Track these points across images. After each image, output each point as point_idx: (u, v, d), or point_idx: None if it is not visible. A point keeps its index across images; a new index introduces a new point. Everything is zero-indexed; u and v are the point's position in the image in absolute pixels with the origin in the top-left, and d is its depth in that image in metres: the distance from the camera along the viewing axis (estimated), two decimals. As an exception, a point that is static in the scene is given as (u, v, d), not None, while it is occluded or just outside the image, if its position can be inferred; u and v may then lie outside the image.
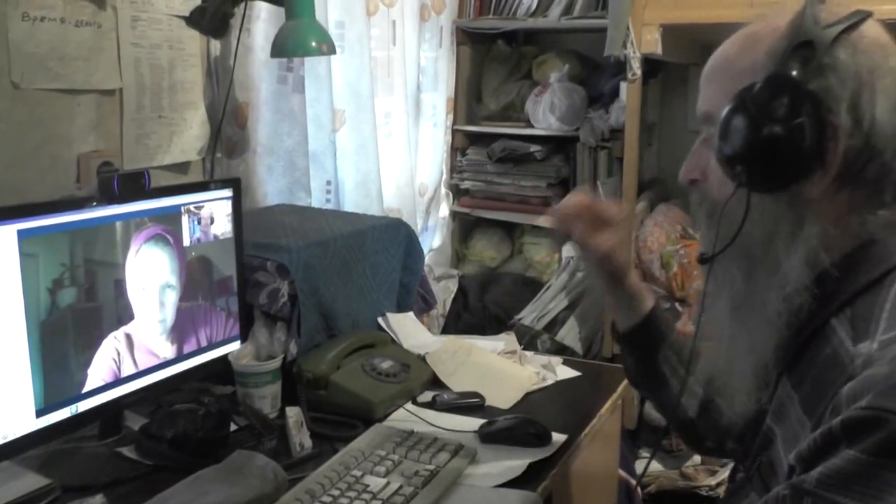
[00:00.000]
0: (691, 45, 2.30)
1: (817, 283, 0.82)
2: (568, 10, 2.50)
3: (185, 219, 1.37)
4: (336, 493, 1.15)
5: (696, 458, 2.03)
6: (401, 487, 1.17)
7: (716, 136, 0.84)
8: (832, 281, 0.81)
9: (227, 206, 1.46)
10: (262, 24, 1.80)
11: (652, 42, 1.97)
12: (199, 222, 1.40)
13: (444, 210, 2.77)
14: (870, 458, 0.66)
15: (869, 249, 0.81)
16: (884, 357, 0.71)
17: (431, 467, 1.23)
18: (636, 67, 1.99)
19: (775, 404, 0.86)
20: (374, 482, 1.18)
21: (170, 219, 1.35)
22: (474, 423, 1.41)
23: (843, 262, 0.82)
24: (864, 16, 0.82)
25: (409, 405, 1.50)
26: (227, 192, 1.45)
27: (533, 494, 1.21)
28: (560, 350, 2.25)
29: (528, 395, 1.57)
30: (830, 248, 0.82)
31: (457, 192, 2.80)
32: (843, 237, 0.82)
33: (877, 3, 0.87)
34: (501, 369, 1.67)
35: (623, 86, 2.32)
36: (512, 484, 1.23)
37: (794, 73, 0.79)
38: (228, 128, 1.78)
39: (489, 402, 1.52)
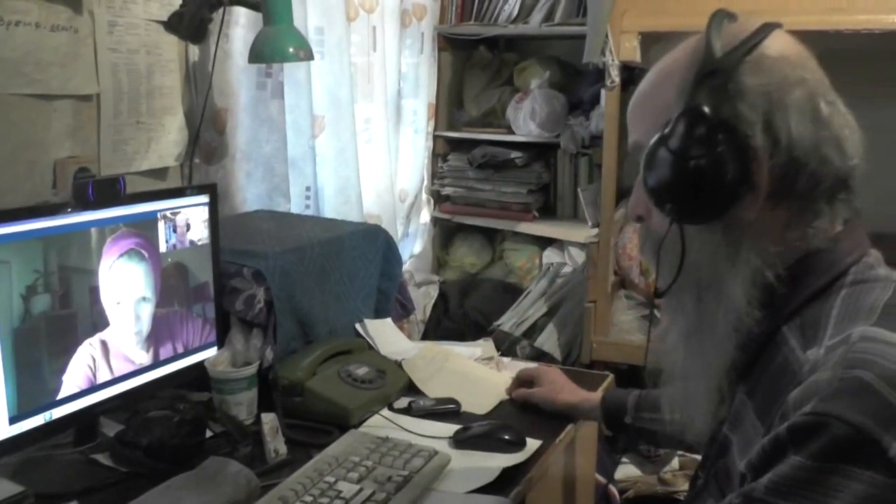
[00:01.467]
0: (667, 50, 2.31)
1: (765, 296, 0.83)
2: (549, 17, 2.52)
3: (161, 225, 1.37)
4: (309, 499, 1.15)
5: (675, 464, 2.04)
6: (373, 493, 1.17)
7: (641, 174, 0.85)
8: (780, 293, 0.83)
9: (203, 212, 1.46)
10: (242, 29, 1.81)
11: (631, 49, 1.99)
12: (174, 229, 1.40)
13: (424, 216, 2.78)
14: (815, 463, 0.67)
15: (814, 259, 0.83)
16: (828, 362, 0.72)
17: (405, 473, 1.23)
18: (615, 75, 2.00)
19: (731, 413, 0.87)
20: (347, 488, 1.18)
21: (145, 225, 1.35)
22: (450, 429, 1.41)
23: (789, 275, 0.83)
24: (765, 34, 0.82)
25: (384, 411, 1.50)
26: (204, 198, 1.46)
27: (505, 500, 1.22)
28: (539, 356, 2.26)
29: (504, 401, 1.58)
30: (775, 265, 0.83)
31: (438, 198, 2.81)
32: (785, 253, 0.83)
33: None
34: (478, 376, 1.68)
35: (603, 92, 2.34)
36: (485, 489, 1.24)
37: (705, 105, 0.80)
38: (207, 133, 1.78)
39: (465, 408, 1.52)
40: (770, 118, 0.80)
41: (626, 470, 2.11)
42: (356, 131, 2.19)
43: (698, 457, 2.05)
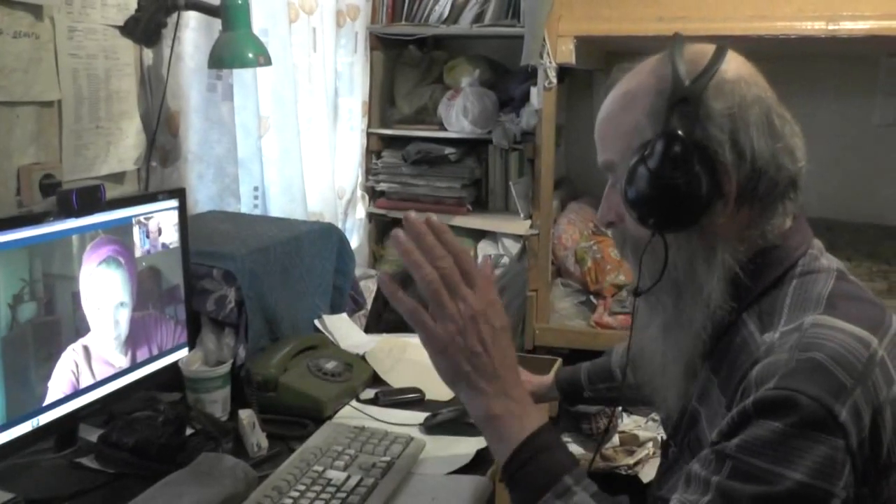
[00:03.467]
0: (597, 52, 2.45)
1: (732, 289, 0.95)
2: (479, 18, 2.61)
3: (136, 230, 1.39)
4: (302, 487, 1.21)
5: (615, 440, 2.18)
6: (362, 479, 1.24)
7: (622, 191, 0.95)
8: (742, 284, 0.95)
9: (173, 216, 1.48)
10: (192, 32, 1.82)
11: (567, 53, 2.10)
12: (148, 233, 1.42)
13: (360, 212, 2.83)
14: (784, 428, 0.80)
15: (770, 254, 0.96)
16: (783, 346, 0.85)
17: (387, 459, 1.30)
18: (552, 76, 2.11)
19: (699, 388, 0.99)
20: (336, 476, 1.25)
21: (122, 231, 1.37)
22: (417, 416, 1.49)
23: (749, 267, 0.95)
24: (720, 55, 0.94)
25: (353, 402, 1.56)
26: (173, 203, 1.48)
27: (484, 479, 1.31)
28: (482, 344, 2.35)
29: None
30: (740, 260, 0.95)
31: (373, 195, 2.86)
32: (748, 249, 0.95)
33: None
34: (437, 364, 1.76)
35: (533, 90, 2.44)
36: (463, 470, 1.32)
37: (680, 130, 0.91)
38: (162, 136, 1.79)
39: (429, 395, 1.60)
40: (735, 137, 0.91)
41: (569, 448, 2.23)
42: (300, 130, 2.22)
43: (643, 433, 2.20)
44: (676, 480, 0.93)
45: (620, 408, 2.19)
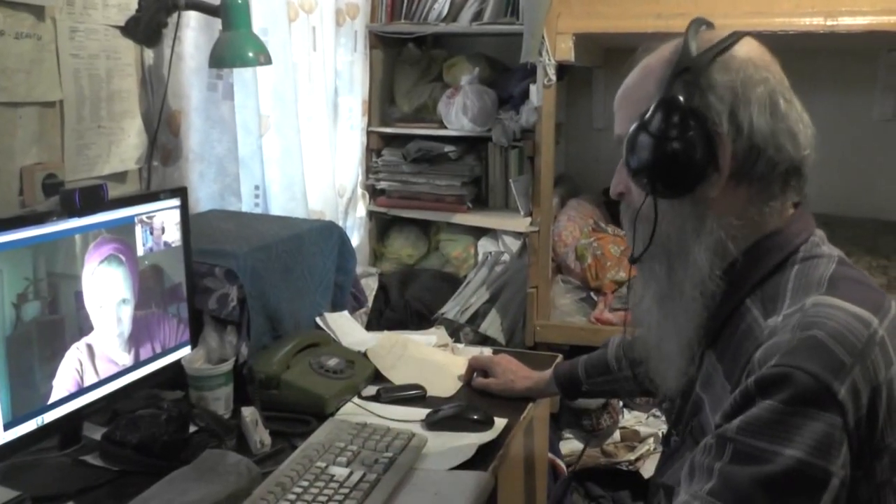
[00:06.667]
0: (596, 49, 2.46)
1: (729, 271, 0.96)
2: (478, 16, 2.62)
3: (138, 229, 1.40)
4: (305, 483, 1.22)
5: (617, 436, 2.18)
6: (364, 475, 1.25)
7: (624, 155, 0.98)
8: (742, 269, 0.96)
9: (175, 215, 1.49)
10: (192, 32, 1.83)
11: (566, 50, 2.11)
12: (151, 232, 1.43)
13: (360, 210, 2.83)
14: (782, 406, 0.81)
15: (772, 239, 0.97)
16: (786, 327, 0.87)
17: (389, 455, 1.31)
18: (551, 74, 2.12)
19: (703, 376, 1.00)
20: (339, 472, 1.26)
21: (124, 230, 1.38)
22: (419, 412, 1.50)
23: (749, 252, 0.97)
24: (735, 38, 0.96)
25: (355, 399, 1.57)
26: (175, 202, 1.49)
27: (485, 474, 1.32)
28: (483, 341, 2.36)
29: (464, 383, 1.67)
30: (736, 238, 0.96)
31: (373, 193, 2.87)
32: (746, 228, 0.97)
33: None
34: (438, 361, 1.77)
35: (532, 88, 2.44)
36: (464, 466, 1.33)
37: (679, 95, 0.93)
38: (163, 136, 1.80)
39: (430, 392, 1.61)
40: (735, 109, 0.93)
41: (570, 445, 2.23)
42: (300, 129, 2.23)
43: (644, 428, 2.21)
44: (678, 468, 0.94)
45: (620, 402, 2.20)
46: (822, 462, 0.79)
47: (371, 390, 1.61)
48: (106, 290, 1.35)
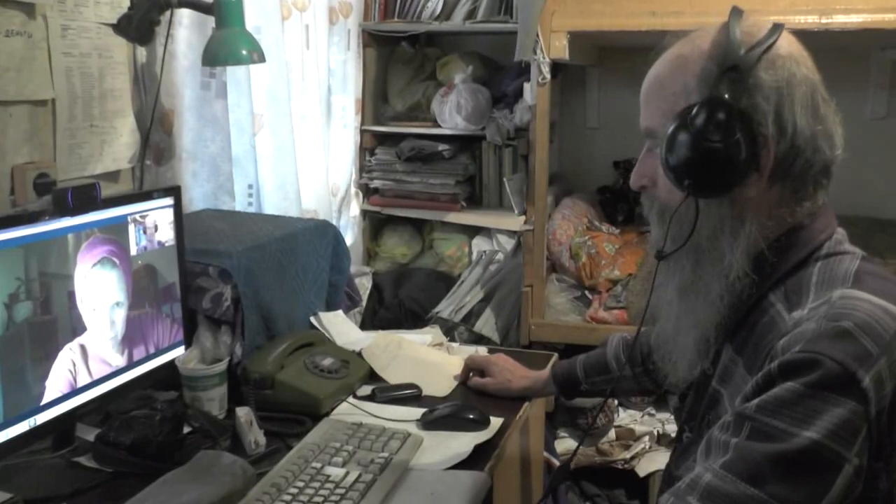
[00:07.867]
0: (590, 47, 2.46)
1: (754, 265, 0.96)
2: (471, 15, 2.61)
3: (131, 228, 1.39)
4: (301, 484, 1.21)
5: (612, 435, 2.18)
6: (360, 475, 1.24)
7: (663, 153, 0.96)
8: (768, 263, 0.96)
9: (168, 214, 1.48)
10: (185, 30, 1.82)
11: (560, 48, 2.10)
12: (144, 231, 1.42)
13: (354, 209, 2.82)
14: (803, 388, 0.81)
15: (797, 234, 0.97)
16: (812, 318, 0.87)
17: (385, 455, 1.31)
18: (546, 72, 2.11)
19: (720, 369, 1.00)
20: (334, 472, 1.25)
21: (117, 229, 1.37)
22: (415, 412, 1.49)
23: (775, 246, 0.96)
24: (778, 33, 0.95)
25: (350, 399, 1.57)
26: (169, 201, 1.48)
27: (482, 474, 1.31)
28: (477, 340, 2.35)
29: (460, 383, 1.67)
30: (767, 236, 0.96)
31: (366, 192, 2.86)
32: (776, 227, 0.96)
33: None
34: (433, 360, 1.77)
35: (526, 86, 2.44)
36: (461, 465, 1.32)
37: (727, 95, 0.92)
38: (156, 134, 1.78)
39: (425, 391, 1.61)
40: (780, 110, 0.92)
41: (565, 443, 2.24)
42: (293, 128, 2.22)
43: (639, 427, 2.20)
44: (692, 463, 0.93)
45: (616, 401, 2.20)
46: (837, 447, 0.80)
47: (366, 390, 1.61)
48: (99, 292, 1.34)
